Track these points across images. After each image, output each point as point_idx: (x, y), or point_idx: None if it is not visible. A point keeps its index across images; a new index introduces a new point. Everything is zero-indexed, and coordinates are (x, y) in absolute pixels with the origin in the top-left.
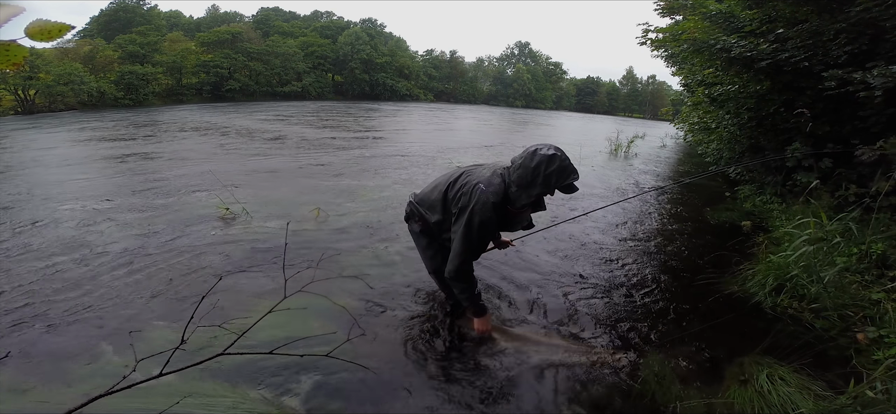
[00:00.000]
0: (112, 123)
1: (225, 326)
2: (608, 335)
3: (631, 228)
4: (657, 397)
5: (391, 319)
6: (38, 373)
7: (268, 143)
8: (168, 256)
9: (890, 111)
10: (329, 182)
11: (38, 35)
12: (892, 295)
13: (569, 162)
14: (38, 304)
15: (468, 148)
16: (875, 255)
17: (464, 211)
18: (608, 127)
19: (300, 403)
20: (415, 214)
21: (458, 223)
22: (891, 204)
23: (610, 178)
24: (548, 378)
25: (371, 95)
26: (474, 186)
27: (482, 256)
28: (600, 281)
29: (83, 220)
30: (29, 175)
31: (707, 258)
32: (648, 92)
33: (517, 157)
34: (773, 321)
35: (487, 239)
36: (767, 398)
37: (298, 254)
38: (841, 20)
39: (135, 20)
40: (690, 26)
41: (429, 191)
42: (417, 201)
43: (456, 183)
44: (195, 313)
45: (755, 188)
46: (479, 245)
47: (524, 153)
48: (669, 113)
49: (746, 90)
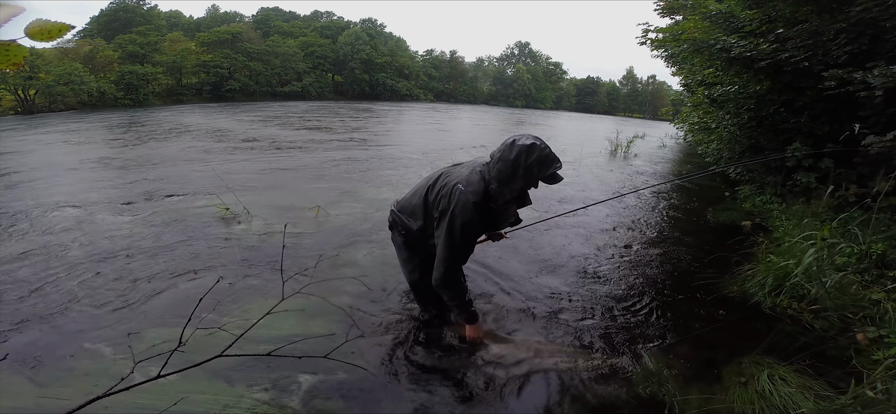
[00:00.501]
0: (112, 123)
1: (223, 328)
2: (607, 336)
3: (630, 228)
4: (657, 398)
5: (389, 320)
6: (37, 374)
7: (267, 143)
8: (167, 256)
9: (890, 111)
10: (328, 182)
11: (38, 35)
12: (892, 295)
13: (549, 150)
14: (37, 305)
15: (468, 148)
16: (875, 255)
17: (444, 215)
18: (608, 127)
19: (299, 403)
20: (397, 223)
21: (440, 228)
22: (891, 204)
23: (610, 178)
24: (546, 380)
25: (371, 95)
26: (453, 187)
27: (485, 255)
28: (599, 281)
29: (82, 221)
30: (29, 176)
31: (707, 258)
32: (648, 92)
33: (496, 151)
34: (772, 321)
35: (472, 241)
36: (768, 398)
37: (299, 254)
38: (841, 20)
39: (135, 20)
40: (690, 26)
41: (409, 196)
42: (399, 209)
43: (435, 185)
44: (193, 314)
45: (755, 188)
46: (465, 248)
47: (502, 146)
48: (669, 113)
49: (746, 90)
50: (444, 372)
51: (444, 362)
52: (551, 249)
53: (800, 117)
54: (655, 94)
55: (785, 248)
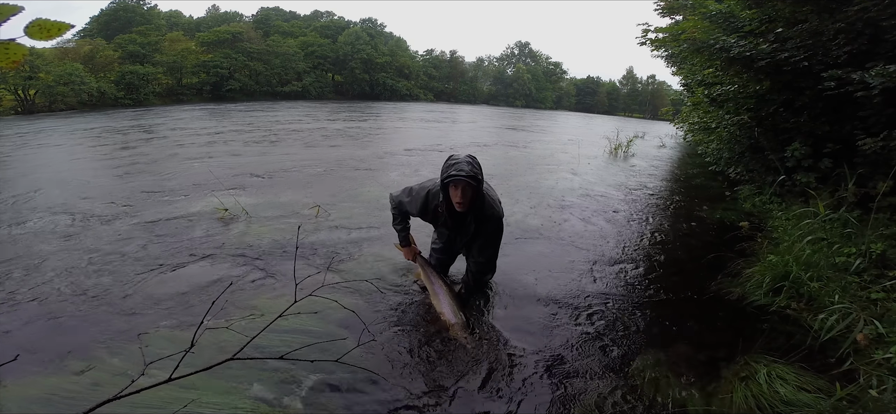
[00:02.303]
0: (112, 123)
1: (233, 329)
2: (606, 335)
3: (629, 227)
4: (655, 397)
5: (401, 323)
6: (47, 375)
7: (266, 143)
8: (172, 259)
9: (889, 111)
10: (328, 181)
11: (38, 34)
12: (892, 295)
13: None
14: (45, 307)
15: (468, 147)
16: (875, 254)
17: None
18: (608, 126)
19: (309, 407)
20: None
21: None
22: (890, 204)
23: (609, 178)
24: (551, 382)
25: (371, 95)
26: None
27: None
28: (598, 281)
29: (82, 221)
30: (30, 177)
31: (706, 258)
32: (648, 92)
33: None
34: (771, 321)
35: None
36: (766, 396)
37: (302, 254)
38: (840, 20)
39: (135, 20)
40: (690, 26)
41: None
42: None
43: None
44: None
45: (755, 188)
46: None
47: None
48: (669, 113)
49: (746, 90)
50: (458, 378)
51: (456, 368)
52: (550, 249)
53: (799, 117)
54: (655, 93)
55: (784, 247)
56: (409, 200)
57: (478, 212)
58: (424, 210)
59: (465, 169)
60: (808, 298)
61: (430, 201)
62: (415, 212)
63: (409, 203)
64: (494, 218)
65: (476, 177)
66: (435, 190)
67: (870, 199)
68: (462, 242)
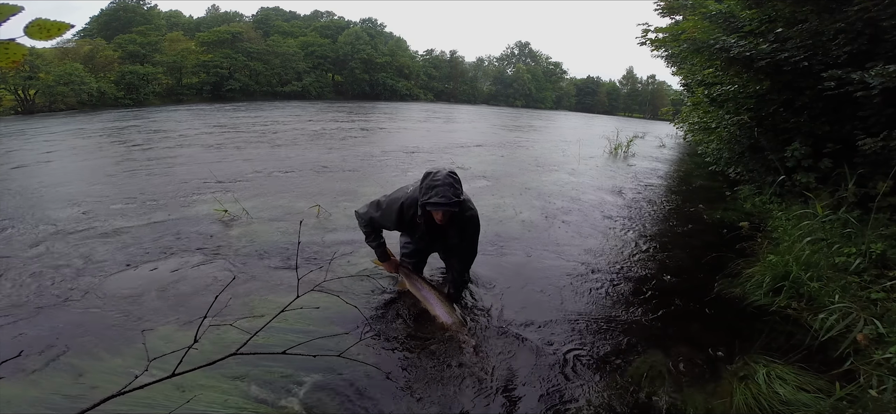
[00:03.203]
0: (112, 123)
1: (235, 325)
2: (605, 334)
3: (629, 228)
4: (655, 397)
5: (402, 318)
6: (52, 371)
7: (266, 143)
8: (173, 259)
9: (889, 111)
10: (328, 181)
11: (38, 34)
12: (891, 295)
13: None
14: (48, 305)
15: (468, 146)
16: (875, 254)
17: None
18: (608, 127)
19: (311, 402)
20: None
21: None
22: (890, 204)
23: (608, 178)
24: (551, 381)
25: (371, 95)
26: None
27: (483, 258)
28: (597, 281)
29: (84, 222)
30: (30, 178)
31: (706, 258)
32: (648, 92)
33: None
34: (771, 321)
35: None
36: (766, 396)
37: (304, 253)
38: (840, 20)
39: (135, 20)
40: (690, 26)
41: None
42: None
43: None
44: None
45: (755, 188)
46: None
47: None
48: (669, 113)
49: (746, 90)
50: (460, 373)
51: (458, 364)
52: (550, 249)
53: (799, 117)
54: (655, 93)
55: (784, 247)
56: (380, 215)
57: (458, 219)
58: (400, 223)
59: (448, 195)
60: (807, 297)
61: (404, 213)
62: (390, 226)
63: (381, 218)
64: (472, 219)
65: (458, 202)
66: (409, 201)
67: (870, 199)
68: (440, 245)
